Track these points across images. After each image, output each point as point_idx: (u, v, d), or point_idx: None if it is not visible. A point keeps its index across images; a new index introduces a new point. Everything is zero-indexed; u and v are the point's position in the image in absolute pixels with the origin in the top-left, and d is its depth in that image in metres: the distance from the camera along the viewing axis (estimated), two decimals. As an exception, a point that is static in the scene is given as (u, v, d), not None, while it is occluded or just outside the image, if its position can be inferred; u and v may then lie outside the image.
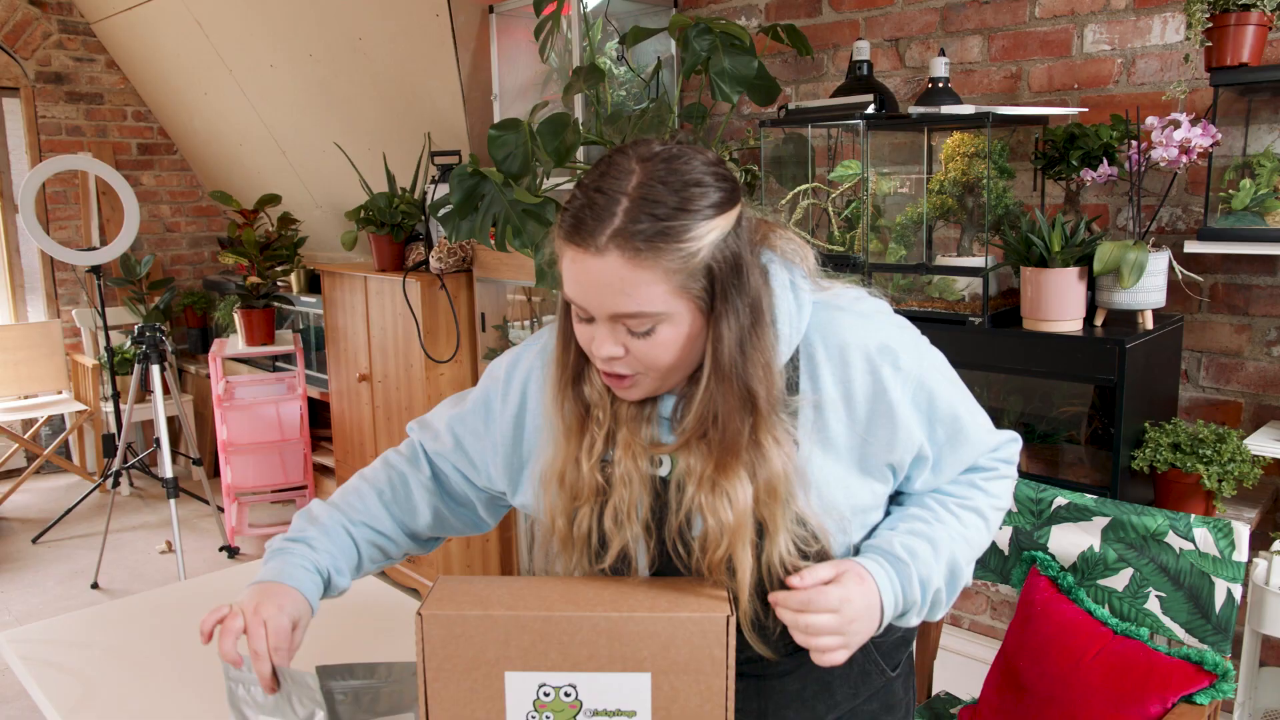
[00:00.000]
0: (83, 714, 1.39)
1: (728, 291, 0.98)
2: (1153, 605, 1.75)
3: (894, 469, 1.12)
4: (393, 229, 3.42)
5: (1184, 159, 1.93)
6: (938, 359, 1.14)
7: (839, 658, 1.02)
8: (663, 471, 1.08)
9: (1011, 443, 1.23)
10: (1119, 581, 1.79)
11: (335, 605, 1.75)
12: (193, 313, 5.30)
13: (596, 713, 0.98)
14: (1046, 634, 1.77)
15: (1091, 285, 2.09)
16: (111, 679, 1.49)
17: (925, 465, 1.13)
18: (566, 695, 0.98)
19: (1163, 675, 1.63)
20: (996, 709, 1.79)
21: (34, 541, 4.27)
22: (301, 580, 1.15)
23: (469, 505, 1.29)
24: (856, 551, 1.16)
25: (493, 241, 2.44)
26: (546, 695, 0.98)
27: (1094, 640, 1.72)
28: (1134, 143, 2.02)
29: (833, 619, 1.00)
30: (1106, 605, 1.79)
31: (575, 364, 1.08)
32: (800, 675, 1.18)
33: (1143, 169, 2.02)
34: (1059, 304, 2.03)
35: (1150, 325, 2.06)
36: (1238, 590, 1.67)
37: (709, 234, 0.96)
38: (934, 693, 2.08)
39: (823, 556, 1.08)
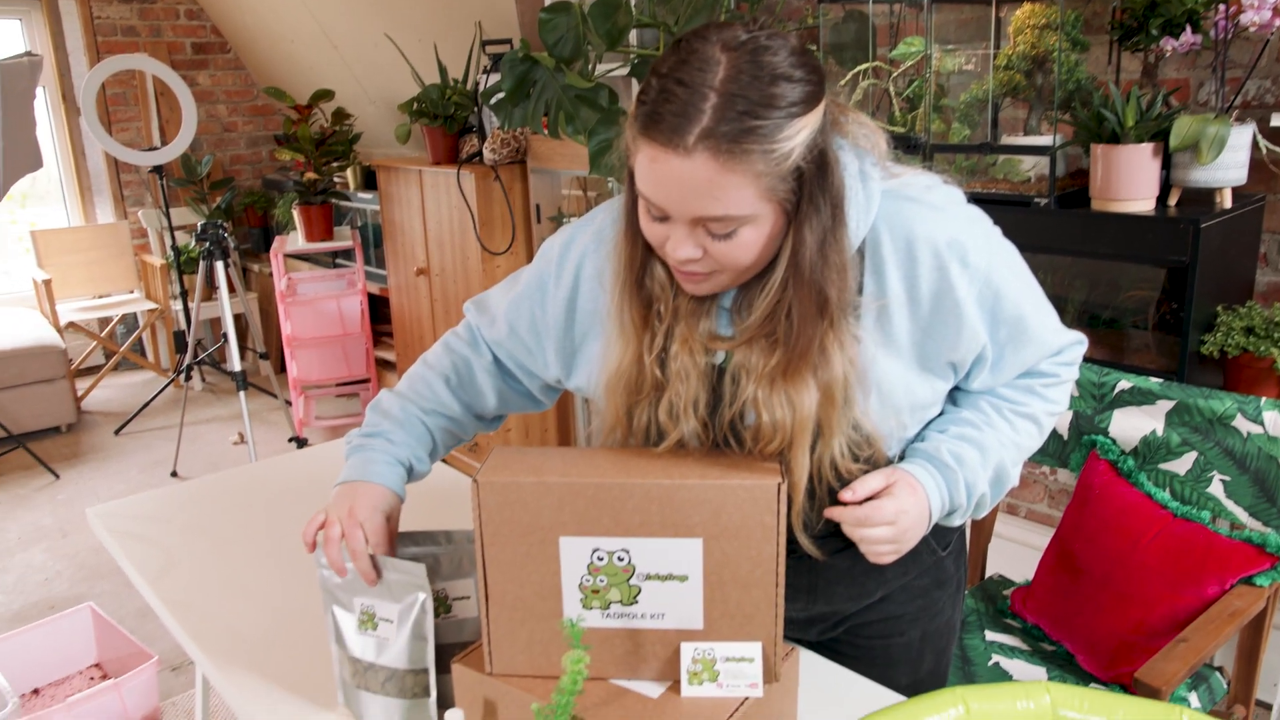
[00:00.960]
0: (166, 583, 1.47)
1: (814, 193, 0.94)
2: (1216, 489, 1.72)
3: (955, 367, 1.09)
4: (446, 121, 3.40)
5: (1277, 22, 1.80)
6: (1009, 254, 1.09)
7: (891, 559, 1.06)
8: (718, 360, 1.06)
9: (1076, 345, 1.18)
10: (1181, 465, 1.76)
11: (425, 498, 1.81)
12: (253, 212, 5.37)
13: (649, 576, 1.00)
14: (1104, 517, 1.76)
15: (1166, 163, 2.00)
16: (192, 551, 1.57)
17: (985, 365, 1.10)
18: (620, 560, 1.00)
19: (1222, 557, 1.61)
20: (1050, 590, 1.80)
21: (116, 433, 4.48)
22: (386, 475, 1.17)
23: (527, 389, 1.30)
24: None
25: (545, 130, 2.41)
26: (600, 560, 1.00)
27: (1153, 523, 1.70)
28: (1221, 6, 1.89)
29: (889, 530, 1.02)
30: (1167, 489, 1.77)
31: (641, 261, 1.04)
32: (850, 554, 1.19)
33: (1229, 36, 1.90)
34: (1131, 182, 1.95)
35: (1228, 204, 1.97)
36: (1306, 474, 1.63)
37: (799, 133, 0.91)
38: (987, 575, 2.09)
39: (874, 461, 1.07)
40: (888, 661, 1.28)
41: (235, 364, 3.59)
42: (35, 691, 2.50)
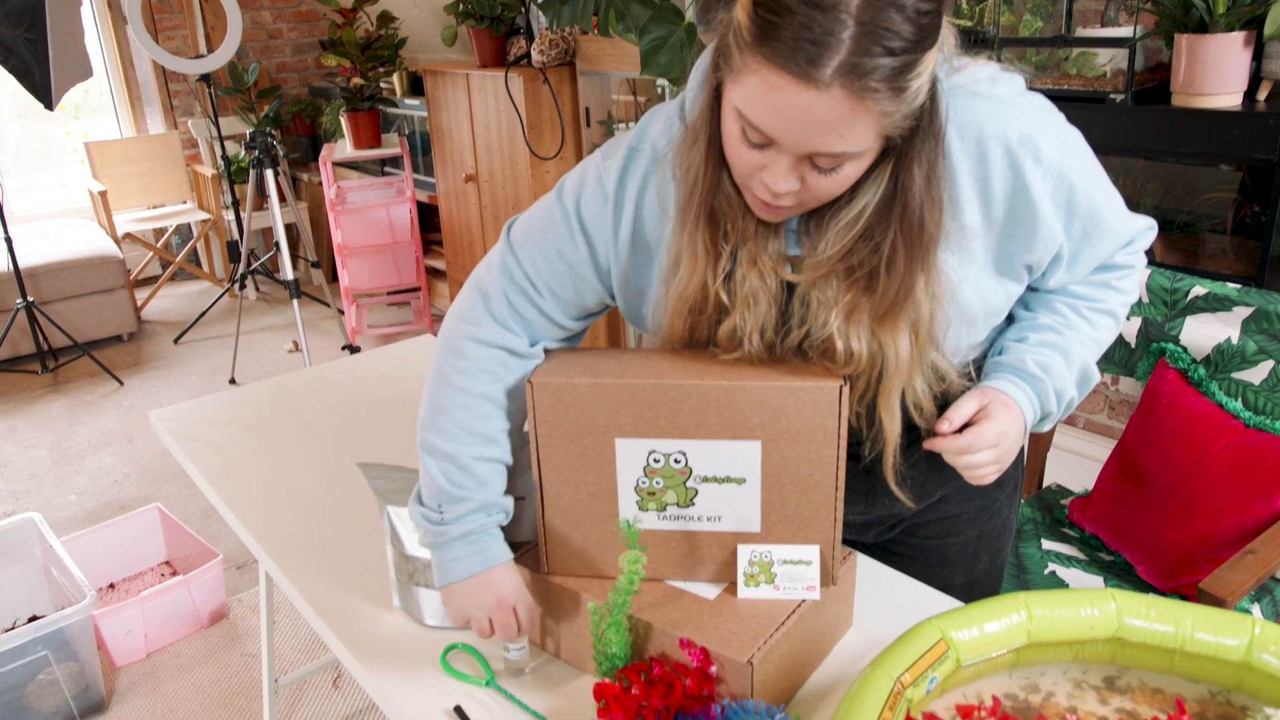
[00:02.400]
0: (228, 483, 1.50)
1: (925, 128, 0.88)
2: (1292, 399, 1.66)
3: (1031, 269, 1.04)
4: (493, 22, 3.31)
5: (1389, -105, 1.65)
6: (1077, 141, 1.02)
7: (994, 478, 1.03)
8: (787, 275, 1.00)
9: (1148, 231, 1.12)
10: (1256, 375, 1.69)
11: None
12: (301, 120, 5.34)
13: (706, 479, 0.99)
14: (1172, 426, 1.70)
15: (1258, 54, 1.87)
16: (251, 453, 1.59)
17: (1060, 263, 1.05)
18: (676, 462, 0.99)
19: (1296, 468, 1.56)
20: (1111, 499, 1.77)
21: (175, 342, 4.57)
22: (501, 551, 1.07)
23: (569, 335, 1.16)
24: (982, 358, 1.11)
25: (595, 29, 2.33)
26: (656, 461, 0.99)
27: (1223, 433, 1.65)
28: (1328, -121, 1.74)
29: (992, 453, 1.00)
30: (1240, 399, 1.71)
31: (715, 181, 0.96)
32: (908, 456, 1.17)
33: (1335, -89, 1.75)
34: (1217, 75, 1.83)
35: (1322, 98, 1.85)
36: (1391, 383, 1.56)
37: (928, 69, 0.84)
38: (1044, 485, 2.06)
39: (945, 396, 1.03)
40: (943, 561, 1.27)
41: (288, 273, 3.61)
42: (111, 586, 2.62)
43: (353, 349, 4.13)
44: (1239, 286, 1.72)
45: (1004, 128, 0.96)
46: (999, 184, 0.97)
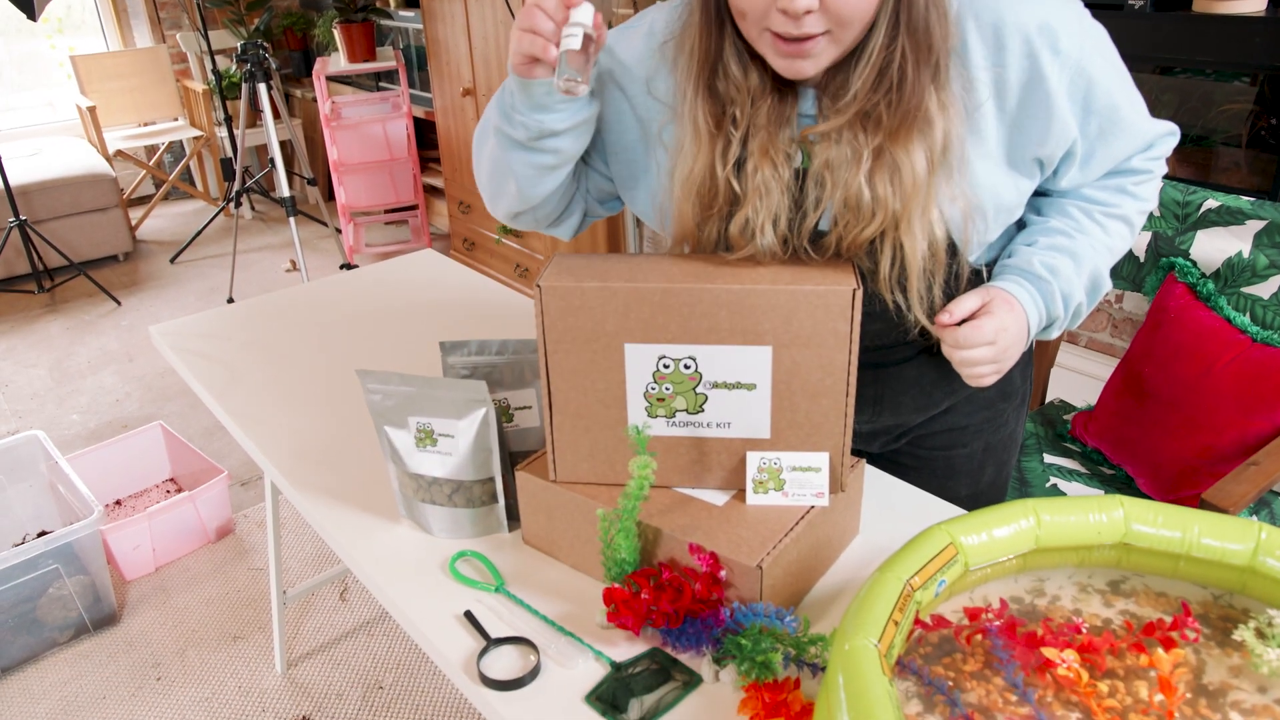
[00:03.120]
0: (231, 397, 1.50)
1: None
2: (1301, 313, 1.64)
3: (1042, 164, 1.02)
4: (487, -72, 3.19)
5: None
6: (1100, 37, 0.99)
7: (992, 381, 1.01)
8: (798, 164, 0.99)
9: (1169, 137, 1.09)
10: (1266, 289, 1.68)
11: (451, 302, 1.80)
12: (292, 34, 5.20)
13: (716, 385, 0.98)
14: (1178, 341, 1.70)
15: (1283, -43, 1.81)
16: (254, 367, 1.59)
17: (1074, 161, 1.03)
18: (686, 367, 0.98)
19: (1302, 382, 1.56)
20: (1114, 413, 1.77)
21: (172, 261, 4.53)
22: None
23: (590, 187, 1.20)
24: (993, 263, 1.09)
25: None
26: (666, 367, 0.98)
27: (1229, 347, 1.64)
28: None
29: (989, 350, 0.98)
30: (1248, 313, 1.69)
31: (715, 53, 0.96)
32: (918, 364, 1.16)
33: None
34: (1241, -21, 1.77)
35: (1348, 4, 1.79)
36: (1403, 297, 1.54)
37: None
38: (1047, 401, 2.06)
39: (957, 275, 1.02)
40: (949, 472, 1.27)
41: (284, 190, 3.56)
42: (118, 503, 2.64)
43: (351, 268, 4.10)
44: (1253, 200, 1.69)
45: (1022, 16, 0.93)
46: (1014, 73, 0.94)
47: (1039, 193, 1.10)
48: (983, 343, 0.98)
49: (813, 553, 1.02)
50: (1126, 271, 1.87)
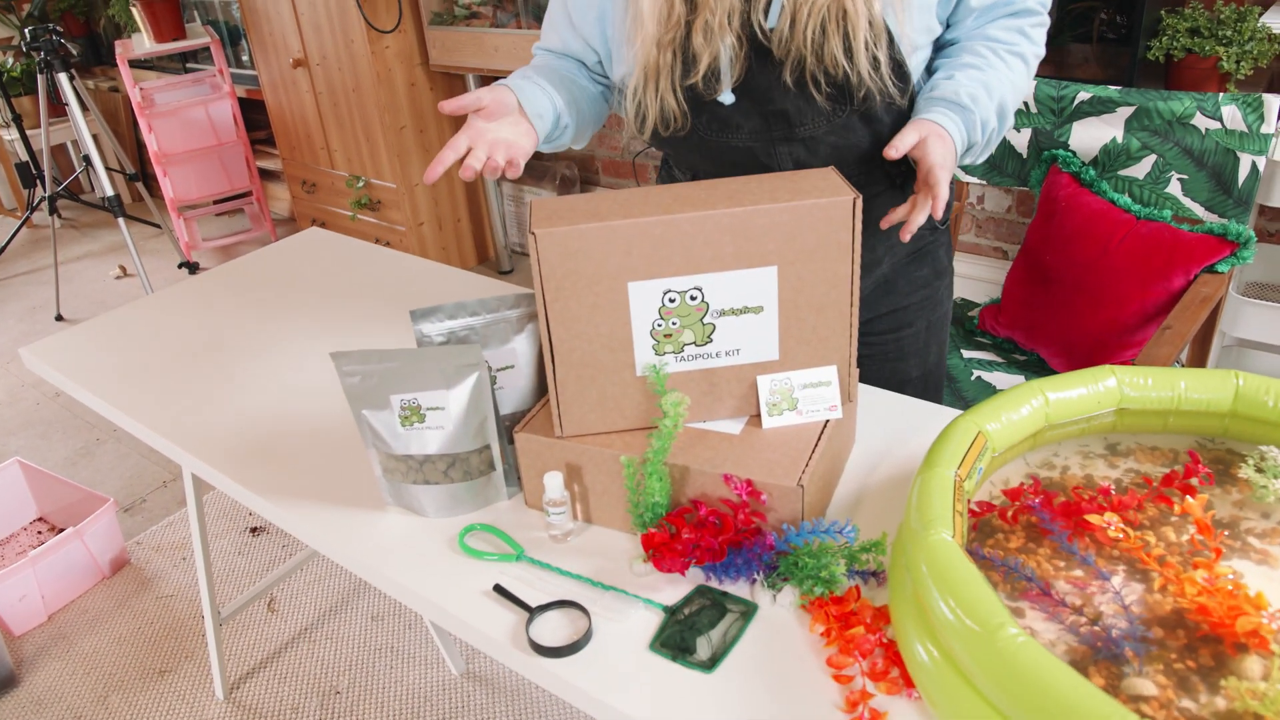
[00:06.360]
0: (142, 406, 1.35)
1: None
2: (1174, 189, 1.78)
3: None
4: (299, -118, 2.97)
5: None
6: None
7: (944, 193, 1.06)
8: None
9: None
10: (1140, 170, 1.81)
11: (387, 287, 1.69)
12: (72, 18, 4.70)
13: (724, 312, 0.96)
14: (1071, 226, 1.80)
15: None
16: (154, 373, 1.44)
17: (971, 10, 1.15)
18: (692, 299, 0.95)
19: (1186, 250, 1.69)
20: (1021, 302, 1.87)
21: (-25, 285, 4.06)
22: (528, 97, 1.16)
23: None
24: (912, 102, 1.17)
25: None
26: (672, 301, 0.95)
27: (1118, 227, 1.76)
28: None
29: (944, 173, 1.05)
30: (1128, 194, 1.82)
31: None
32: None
33: None
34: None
35: (1174, -104, 1.92)
36: (1261, 162, 1.69)
37: None
38: (948, 303, 2.15)
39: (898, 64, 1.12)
40: (900, 355, 1.37)
41: (106, 188, 3.24)
42: (-21, 553, 2.37)
43: (191, 266, 3.80)
44: (1119, 89, 1.81)
45: None
46: None
47: (948, 43, 1.20)
48: (940, 168, 1.05)
49: (833, 465, 1.02)
50: (1012, 168, 1.96)
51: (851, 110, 1.13)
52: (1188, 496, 0.89)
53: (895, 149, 1.04)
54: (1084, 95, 1.83)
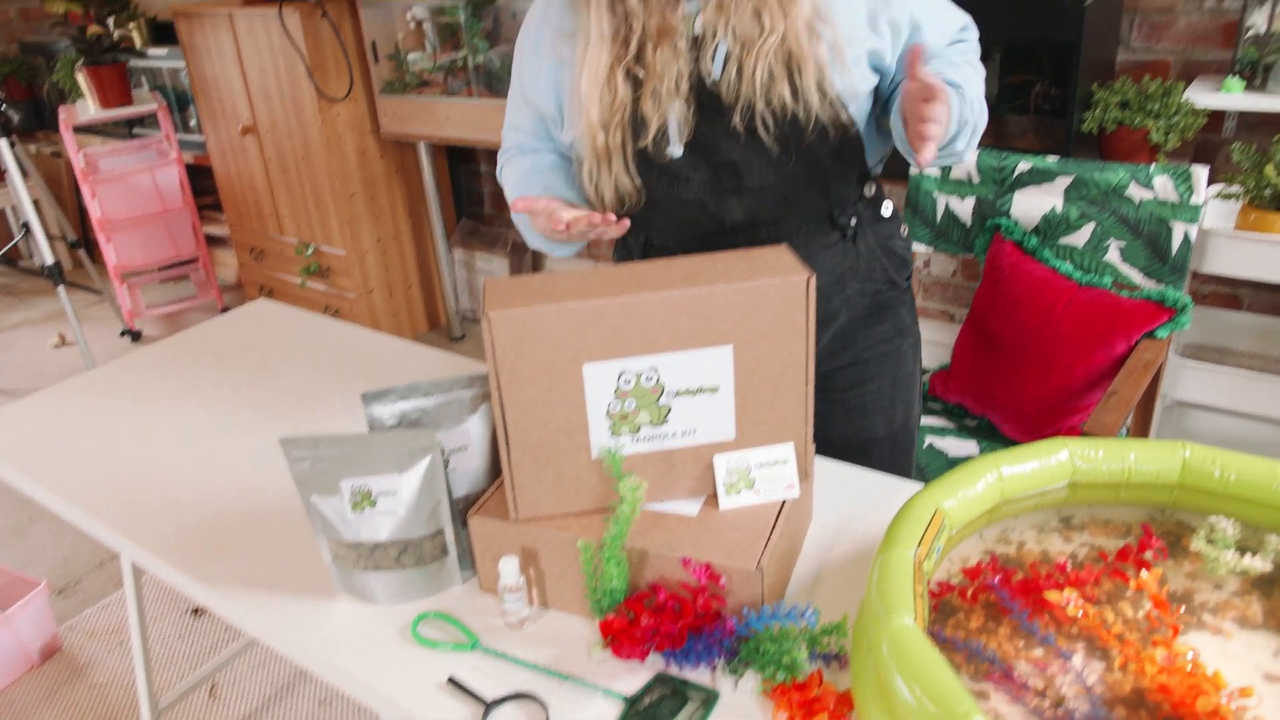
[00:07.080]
0: (75, 487, 1.30)
1: None
2: (1113, 256, 1.83)
3: (895, 28, 1.14)
4: (249, -47, 2.99)
5: None
6: None
7: (936, 134, 1.05)
8: (696, 30, 1.12)
9: (971, 26, 1.25)
10: (1080, 238, 1.86)
11: (337, 361, 1.66)
12: (15, 83, 4.65)
13: (679, 392, 0.96)
14: (1015, 294, 1.84)
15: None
16: (84, 453, 1.39)
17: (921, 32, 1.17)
18: (648, 380, 0.95)
19: (1127, 316, 1.73)
20: (970, 368, 1.89)
21: (-96, 354, 3.92)
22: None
23: None
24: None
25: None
26: (627, 383, 0.95)
27: (1061, 294, 1.80)
28: None
29: (943, 109, 1.05)
30: (1069, 261, 1.87)
31: None
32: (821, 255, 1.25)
33: None
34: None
35: (1100, -20, 2.01)
36: (1194, 231, 1.75)
37: None
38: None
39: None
40: (863, 411, 1.34)
41: (46, 257, 3.17)
42: (-101, 640, 2.24)
43: (133, 334, 3.71)
44: (1057, 159, 1.87)
45: None
46: None
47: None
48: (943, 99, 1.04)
49: (791, 543, 1.01)
50: (956, 235, 2.01)
51: (800, 151, 1.15)
52: (1143, 571, 0.89)
53: (922, 72, 1.02)
54: (1024, 165, 1.89)
